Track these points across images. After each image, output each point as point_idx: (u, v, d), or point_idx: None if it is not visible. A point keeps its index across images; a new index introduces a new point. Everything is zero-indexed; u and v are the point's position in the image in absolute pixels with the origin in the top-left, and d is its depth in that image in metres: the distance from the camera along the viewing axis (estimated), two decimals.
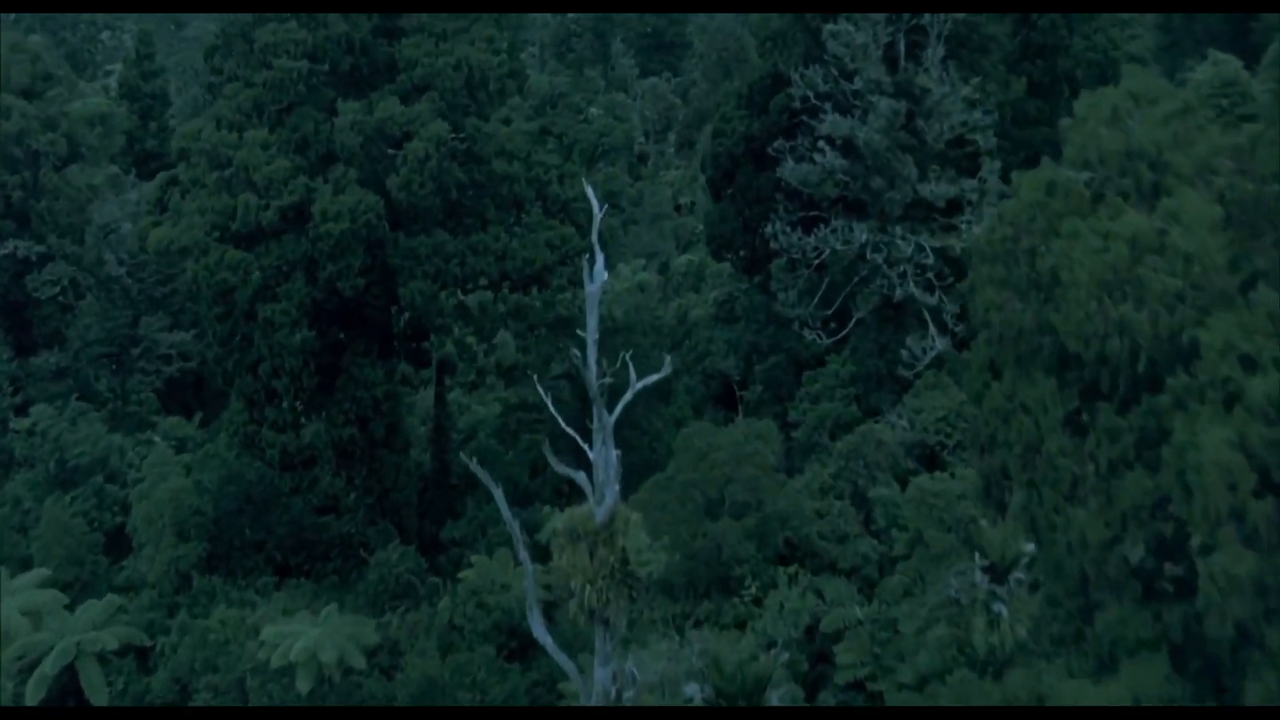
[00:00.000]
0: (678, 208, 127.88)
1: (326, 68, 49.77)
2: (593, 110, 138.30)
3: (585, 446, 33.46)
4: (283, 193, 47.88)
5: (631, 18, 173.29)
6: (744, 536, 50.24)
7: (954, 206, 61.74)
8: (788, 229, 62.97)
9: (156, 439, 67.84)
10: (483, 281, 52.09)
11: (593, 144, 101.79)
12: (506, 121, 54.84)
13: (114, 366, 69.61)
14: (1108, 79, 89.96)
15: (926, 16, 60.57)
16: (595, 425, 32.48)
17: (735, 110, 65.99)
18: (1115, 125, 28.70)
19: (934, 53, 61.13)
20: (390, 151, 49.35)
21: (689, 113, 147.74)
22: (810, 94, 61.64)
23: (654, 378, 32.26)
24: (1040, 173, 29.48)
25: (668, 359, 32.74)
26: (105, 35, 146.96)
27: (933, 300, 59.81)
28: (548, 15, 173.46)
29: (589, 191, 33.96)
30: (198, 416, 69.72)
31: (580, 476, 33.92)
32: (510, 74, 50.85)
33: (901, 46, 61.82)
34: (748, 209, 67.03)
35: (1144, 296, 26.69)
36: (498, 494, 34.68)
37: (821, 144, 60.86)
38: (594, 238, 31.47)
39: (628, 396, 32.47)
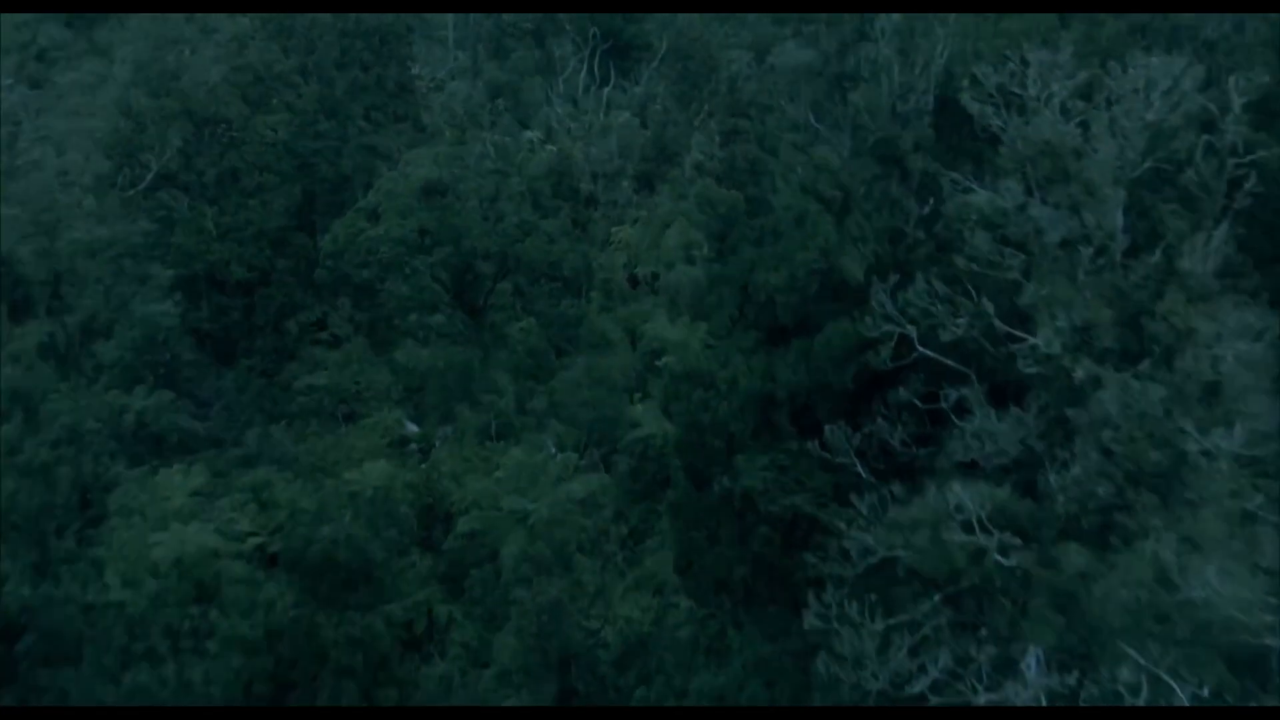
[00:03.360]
0: (634, 281, 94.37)
1: None
2: (530, 138, 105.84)
3: None
4: None
5: (581, 14, 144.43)
6: None
7: None
8: (855, 639, 26.57)
9: None
10: None
11: (500, 253, 66.09)
12: None
13: None
14: None
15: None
16: None
17: (751, 364, 28.65)
18: None
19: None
20: None
21: (648, 141, 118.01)
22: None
23: None
24: None
25: None
26: None
27: None
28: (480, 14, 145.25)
29: None
30: None
31: None
32: None
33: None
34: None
35: None
36: None
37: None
38: None
39: None
